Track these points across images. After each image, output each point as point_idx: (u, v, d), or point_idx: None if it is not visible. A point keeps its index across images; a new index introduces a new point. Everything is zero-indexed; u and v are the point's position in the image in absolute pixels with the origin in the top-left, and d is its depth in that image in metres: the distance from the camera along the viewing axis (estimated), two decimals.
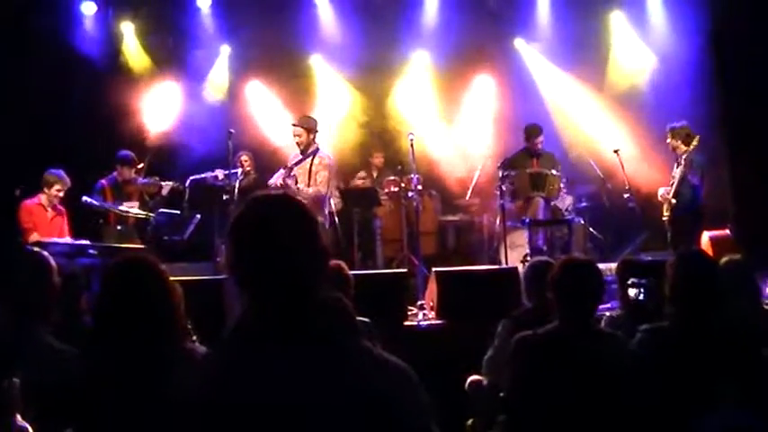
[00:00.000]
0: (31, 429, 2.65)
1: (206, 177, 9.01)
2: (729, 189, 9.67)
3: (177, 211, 8.57)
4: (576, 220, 9.16)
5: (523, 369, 3.58)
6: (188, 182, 8.87)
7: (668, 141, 8.75)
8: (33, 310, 3.04)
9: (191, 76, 10.53)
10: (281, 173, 8.22)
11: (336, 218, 9.48)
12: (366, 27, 10.34)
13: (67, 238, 8.20)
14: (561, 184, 8.99)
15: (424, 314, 7.12)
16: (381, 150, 10.74)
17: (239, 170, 9.11)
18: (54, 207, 8.28)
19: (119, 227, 8.55)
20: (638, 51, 10.53)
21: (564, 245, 8.83)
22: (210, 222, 8.85)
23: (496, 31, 10.64)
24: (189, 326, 4.11)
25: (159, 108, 10.35)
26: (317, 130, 8.30)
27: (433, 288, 7.18)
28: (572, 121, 10.61)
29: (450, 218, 10.67)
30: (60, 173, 8.25)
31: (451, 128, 10.86)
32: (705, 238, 8.60)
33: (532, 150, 9.41)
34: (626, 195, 8.90)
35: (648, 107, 9.97)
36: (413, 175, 9.15)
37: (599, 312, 4.16)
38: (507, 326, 4.64)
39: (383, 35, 10.35)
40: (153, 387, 1.96)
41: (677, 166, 8.66)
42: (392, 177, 9.96)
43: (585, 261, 3.87)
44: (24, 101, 8.88)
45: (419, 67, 10.94)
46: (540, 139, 9.39)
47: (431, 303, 7.17)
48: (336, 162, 10.25)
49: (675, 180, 8.60)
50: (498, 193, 8.87)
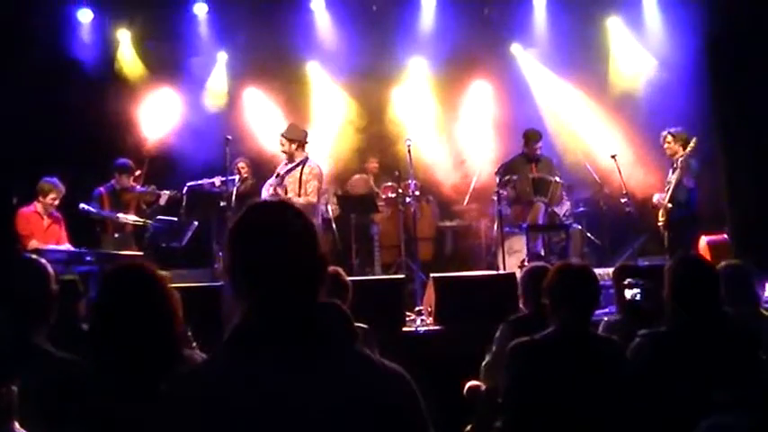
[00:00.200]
0: None
1: (203, 184, 9.01)
2: (726, 193, 9.67)
3: (175, 218, 8.57)
4: (574, 225, 9.16)
5: (521, 375, 3.55)
6: (185, 189, 8.87)
7: (666, 146, 8.75)
8: (31, 316, 3.02)
9: (188, 83, 10.50)
10: (270, 182, 8.24)
11: (334, 224, 9.48)
12: (363, 33, 10.32)
13: (67, 245, 8.19)
14: (563, 192, 8.99)
15: (422, 320, 7.12)
16: (376, 156, 10.72)
17: (236, 177, 9.11)
18: (50, 215, 8.26)
19: (116, 234, 8.55)
20: (635, 56, 10.53)
21: (561, 250, 8.83)
22: (208, 229, 8.84)
23: (493, 36, 10.62)
24: (189, 333, 4.10)
25: (156, 115, 10.33)
26: (304, 141, 8.26)
27: (431, 294, 7.17)
28: (568, 127, 10.59)
29: (448, 223, 10.67)
30: (55, 181, 8.23)
31: (448, 134, 10.83)
32: (703, 242, 8.60)
33: (531, 155, 9.36)
34: (623, 200, 8.89)
35: (645, 112, 9.97)
36: (410, 181, 9.15)
37: (596, 317, 4.16)
38: (505, 331, 4.62)
39: (380, 41, 10.34)
40: (151, 394, 1.93)
41: (673, 171, 8.67)
42: (389, 183, 9.97)
43: (581, 266, 3.85)
44: (20, 108, 8.86)
45: (416, 74, 10.93)
46: (540, 144, 9.36)
47: (429, 309, 7.17)
48: (334, 168, 10.28)
49: (671, 185, 8.60)
50: (496, 198, 8.83)
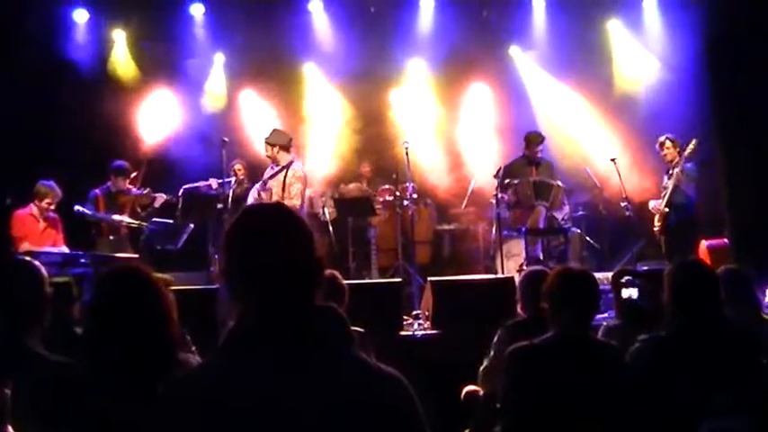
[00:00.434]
0: None
1: (199, 186, 8.98)
2: (725, 196, 9.64)
3: (170, 221, 8.53)
4: (573, 229, 9.13)
5: (519, 379, 3.53)
6: (181, 191, 8.83)
7: (665, 151, 8.74)
8: (24, 319, 3.00)
9: (184, 84, 10.48)
10: (257, 187, 8.27)
11: (330, 227, 9.45)
12: (361, 35, 10.30)
13: (63, 248, 8.15)
14: (565, 196, 8.95)
15: (420, 324, 7.09)
16: (368, 160, 10.69)
17: (233, 179, 9.08)
18: (47, 217, 8.20)
19: (111, 237, 8.51)
20: (634, 59, 10.51)
21: (560, 254, 8.78)
22: (204, 232, 8.82)
23: (491, 39, 10.61)
24: (187, 337, 4.07)
25: (153, 117, 10.30)
26: (286, 146, 8.29)
27: (428, 297, 7.14)
28: (567, 129, 10.56)
29: (446, 227, 10.61)
30: (52, 184, 8.17)
31: (447, 136, 10.80)
32: (702, 247, 8.58)
33: (532, 158, 9.27)
34: (623, 204, 8.86)
35: (644, 115, 9.94)
36: (408, 184, 9.11)
37: (595, 322, 4.13)
38: (503, 336, 4.60)
39: (378, 43, 10.31)
40: (147, 396, 1.92)
41: (669, 177, 8.67)
42: (387, 186, 9.93)
43: (581, 271, 3.84)
44: (15, 108, 8.84)
45: (414, 76, 10.91)
46: (541, 147, 9.27)
47: (426, 313, 7.14)
48: (331, 171, 10.25)
49: (668, 190, 8.59)
50: (494, 201, 8.77)
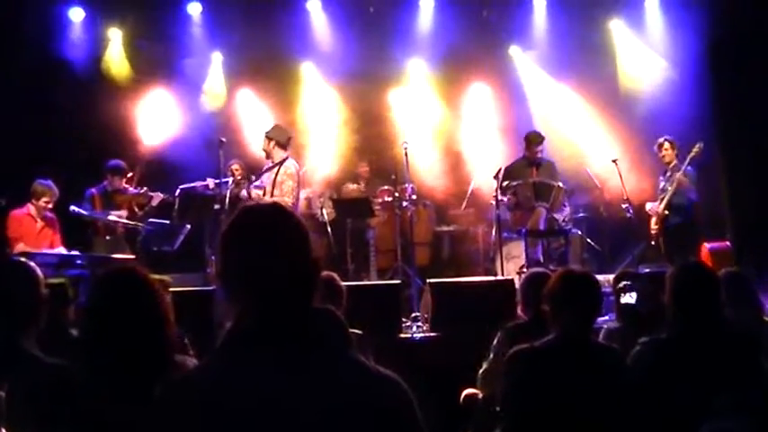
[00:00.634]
0: None
1: (196, 186, 8.93)
2: (726, 197, 9.63)
3: (167, 222, 8.49)
4: (574, 230, 9.09)
5: (520, 382, 3.51)
6: (178, 191, 8.78)
7: (664, 153, 8.72)
8: (19, 321, 2.98)
9: (181, 84, 10.45)
10: (255, 184, 8.21)
11: (329, 228, 9.41)
12: (359, 34, 10.29)
13: (61, 249, 8.11)
14: (566, 197, 8.90)
15: (419, 326, 7.06)
16: (365, 160, 10.66)
17: (230, 179, 9.04)
18: (44, 217, 8.16)
19: (108, 236, 8.47)
20: (636, 59, 10.48)
21: (560, 256, 8.73)
22: (201, 232, 8.77)
23: (492, 38, 10.61)
24: (186, 341, 4.03)
25: (149, 117, 10.27)
26: (283, 143, 8.16)
27: (428, 299, 7.11)
28: (567, 130, 10.52)
29: (445, 228, 10.56)
30: (49, 183, 8.14)
31: (446, 137, 10.76)
32: (704, 249, 8.56)
33: (532, 159, 9.19)
34: (624, 206, 8.82)
35: (645, 115, 9.90)
36: (407, 185, 9.06)
37: (597, 325, 4.11)
38: (503, 338, 4.60)
39: (377, 43, 10.29)
40: (143, 398, 1.92)
41: (666, 179, 8.65)
42: (386, 187, 9.89)
43: (583, 273, 3.85)
44: (10, 108, 8.81)
45: (413, 76, 10.89)
46: (541, 147, 9.18)
47: (425, 315, 7.10)
48: (330, 171, 10.20)
49: (669, 192, 8.57)
50: (494, 203, 8.70)
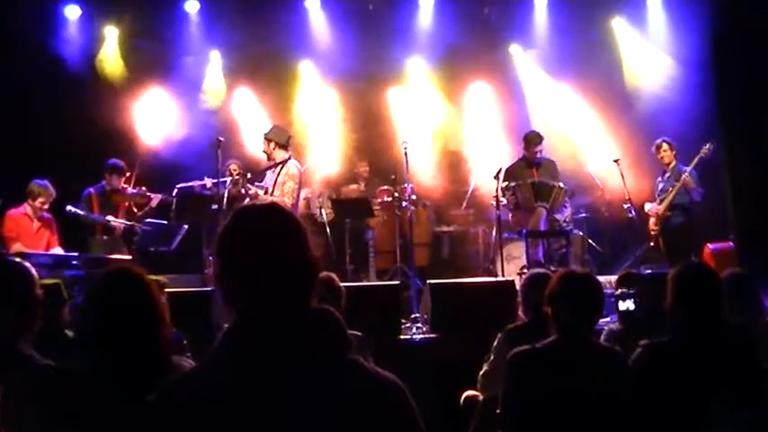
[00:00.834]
0: None
1: (194, 186, 8.88)
2: (729, 197, 9.59)
3: (164, 222, 8.44)
4: (575, 231, 9.05)
5: (520, 384, 3.51)
6: (175, 191, 8.73)
7: (663, 154, 8.70)
8: (14, 322, 2.96)
9: (179, 82, 10.42)
10: (257, 184, 8.23)
11: (328, 228, 9.37)
12: (358, 33, 10.26)
13: (58, 249, 8.07)
14: (566, 198, 8.85)
15: (418, 327, 7.02)
16: (365, 159, 10.64)
17: (228, 179, 8.98)
18: (41, 217, 8.14)
19: (105, 237, 8.43)
20: (639, 57, 10.43)
21: (561, 257, 8.69)
22: (198, 233, 8.72)
23: (492, 37, 10.60)
24: (185, 341, 3.99)
25: (147, 116, 10.24)
26: (283, 143, 8.23)
27: (427, 300, 7.08)
28: (568, 130, 10.48)
29: (445, 229, 10.52)
30: (46, 183, 8.11)
31: (446, 136, 10.72)
32: (707, 250, 8.54)
33: (531, 159, 9.14)
34: (626, 206, 8.78)
35: (647, 115, 9.87)
36: (406, 185, 9.02)
37: (598, 326, 4.08)
38: (503, 340, 4.58)
39: (376, 41, 10.27)
40: (140, 400, 1.90)
41: (666, 180, 8.63)
42: (385, 187, 9.85)
43: (585, 274, 3.87)
44: (5, 106, 8.77)
45: (413, 75, 10.86)
46: (540, 147, 9.12)
47: (425, 316, 7.07)
48: (328, 170, 10.17)
49: (671, 193, 8.55)
50: (494, 203, 8.65)
